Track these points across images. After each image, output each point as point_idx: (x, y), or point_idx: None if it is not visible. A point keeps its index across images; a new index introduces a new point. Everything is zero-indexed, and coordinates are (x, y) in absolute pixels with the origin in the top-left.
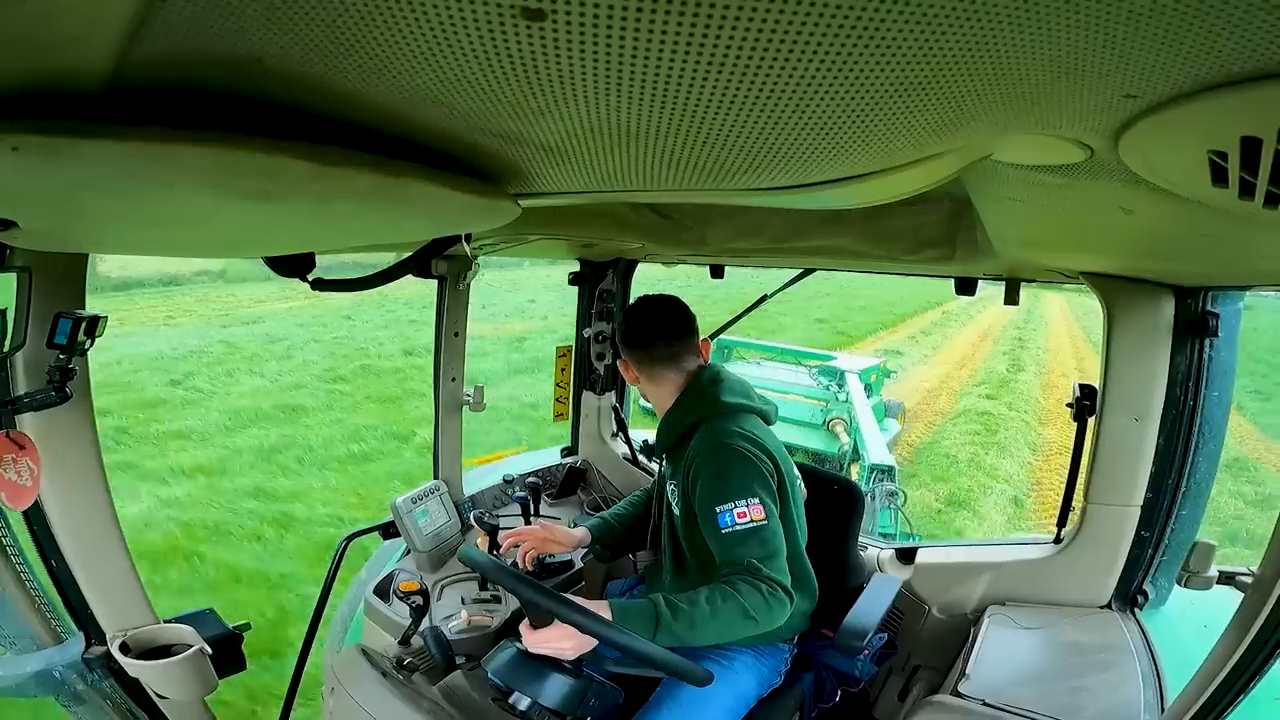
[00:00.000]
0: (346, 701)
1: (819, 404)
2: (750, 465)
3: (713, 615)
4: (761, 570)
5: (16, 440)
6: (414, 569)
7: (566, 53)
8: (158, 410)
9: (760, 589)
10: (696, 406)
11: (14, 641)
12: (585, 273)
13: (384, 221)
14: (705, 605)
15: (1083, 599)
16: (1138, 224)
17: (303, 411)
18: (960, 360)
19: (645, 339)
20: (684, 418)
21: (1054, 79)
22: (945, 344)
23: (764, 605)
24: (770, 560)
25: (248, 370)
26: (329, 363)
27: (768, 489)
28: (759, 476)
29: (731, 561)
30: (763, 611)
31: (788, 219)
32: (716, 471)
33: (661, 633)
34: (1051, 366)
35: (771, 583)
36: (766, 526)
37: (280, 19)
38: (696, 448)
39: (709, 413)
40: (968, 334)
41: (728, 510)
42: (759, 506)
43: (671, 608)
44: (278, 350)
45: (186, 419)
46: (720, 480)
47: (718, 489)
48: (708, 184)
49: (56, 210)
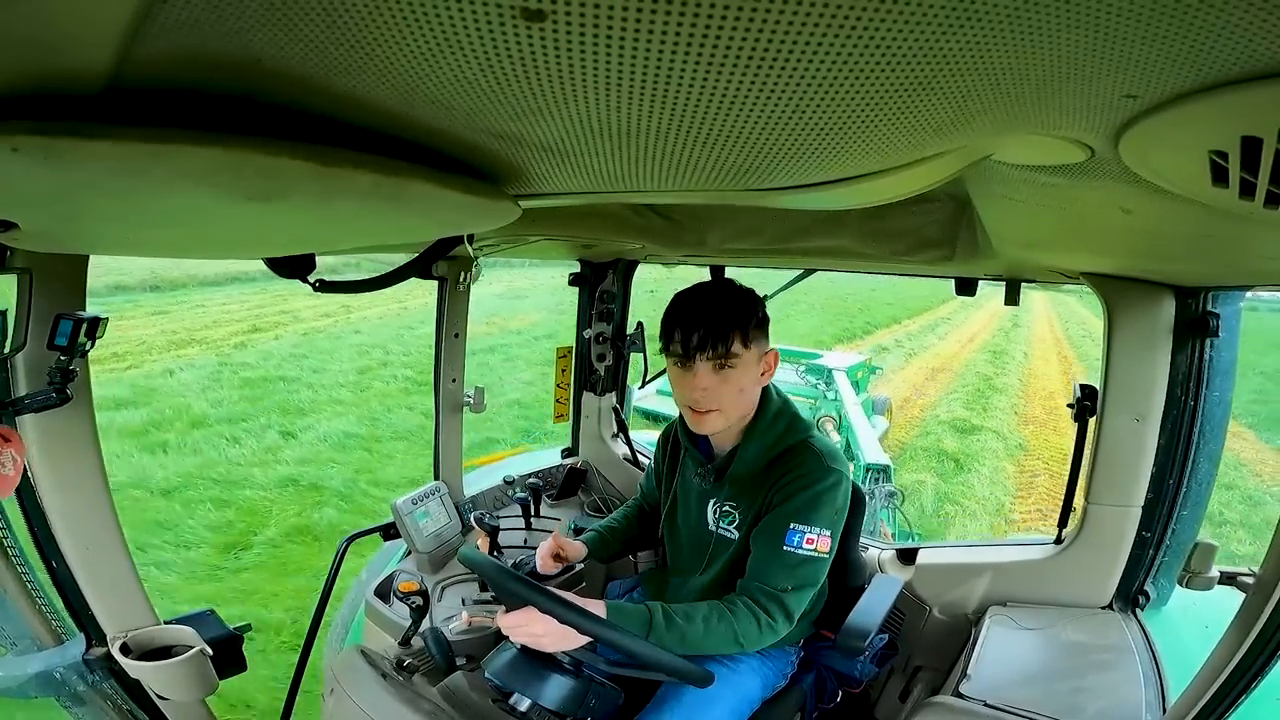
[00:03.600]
0: (346, 703)
1: (807, 402)
2: (843, 498)
3: (705, 635)
4: (781, 598)
5: (3, 434)
6: (414, 570)
7: (566, 53)
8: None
9: (759, 616)
10: (793, 426)
11: (14, 642)
12: (585, 273)
13: (384, 222)
14: (701, 624)
15: (1084, 599)
16: (1138, 224)
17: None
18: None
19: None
20: (782, 439)
21: (1054, 79)
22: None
23: (755, 632)
24: (801, 591)
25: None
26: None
27: (841, 523)
28: (843, 510)
29: (761, 578)
30: (751, 638)
31: (788, 219)
32: (814, 496)
33: (650, 640)
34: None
35: (776, 613)
36: (824, 560)
37: (280, 19)
38: (799, 474)
39: (806, 434)
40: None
41: (801, 532)
42: (828, 540)
43: (667, 619)
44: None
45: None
46: (813, 504)
47: (806, 511)
48: (708, 184)
49: (56, 211)
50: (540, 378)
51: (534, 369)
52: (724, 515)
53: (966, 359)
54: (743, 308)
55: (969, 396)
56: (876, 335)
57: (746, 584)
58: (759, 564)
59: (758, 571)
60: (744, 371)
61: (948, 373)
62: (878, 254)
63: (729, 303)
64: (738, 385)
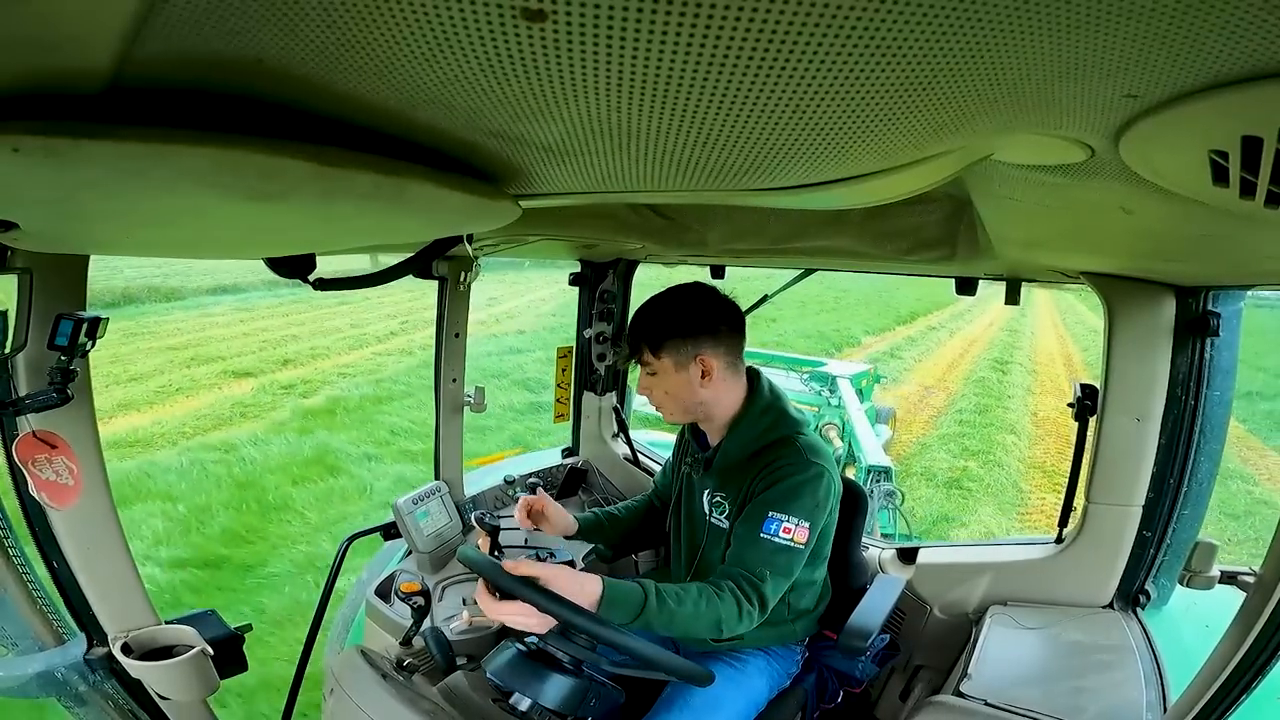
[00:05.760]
0: (346, 703)
1: (811, 409)
2: (824, 492)
3: (692, 619)
4: (759, 585)
5: (46, 439)
6: (415, 570)
7: (566, 53)
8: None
9: (741, 602)
10: (780, 422)
11: (16, 642)
12: (586, 273)
13: (384, 222)
14: (690, 607)
15: (1084, 599)
16: (1138, 224)
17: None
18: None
19: (743, 324)
20: (767, 434)
21: (1055, 79)
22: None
23: (735, 619)
24: (777, 580)
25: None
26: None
27: (822, 518)
28: (824, 503)
29: (742, 564)
30: (730, 624)
31: (788, 219)
32: (793, 486)
33: (640, 620)
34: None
35: (754, 600)
36: (800, 552)
37: (280, 19)
38: (780, 465)
39: (793, 430)
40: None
41: (779, 520)
42: (806, 531)
43: (660, 600)
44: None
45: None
46: (791, 494)
47: (784, 500)
48: (708, 184)
49: (57, 211)
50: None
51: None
52: (716, 505)
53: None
54: (661, 319)
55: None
56: (866, 344)
57: (728, 569)
58: (737, 550)
59: (737, 557)
60: (664, 378)
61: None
62: (878, 254)
63: (654, 313)
64: (663, 388)
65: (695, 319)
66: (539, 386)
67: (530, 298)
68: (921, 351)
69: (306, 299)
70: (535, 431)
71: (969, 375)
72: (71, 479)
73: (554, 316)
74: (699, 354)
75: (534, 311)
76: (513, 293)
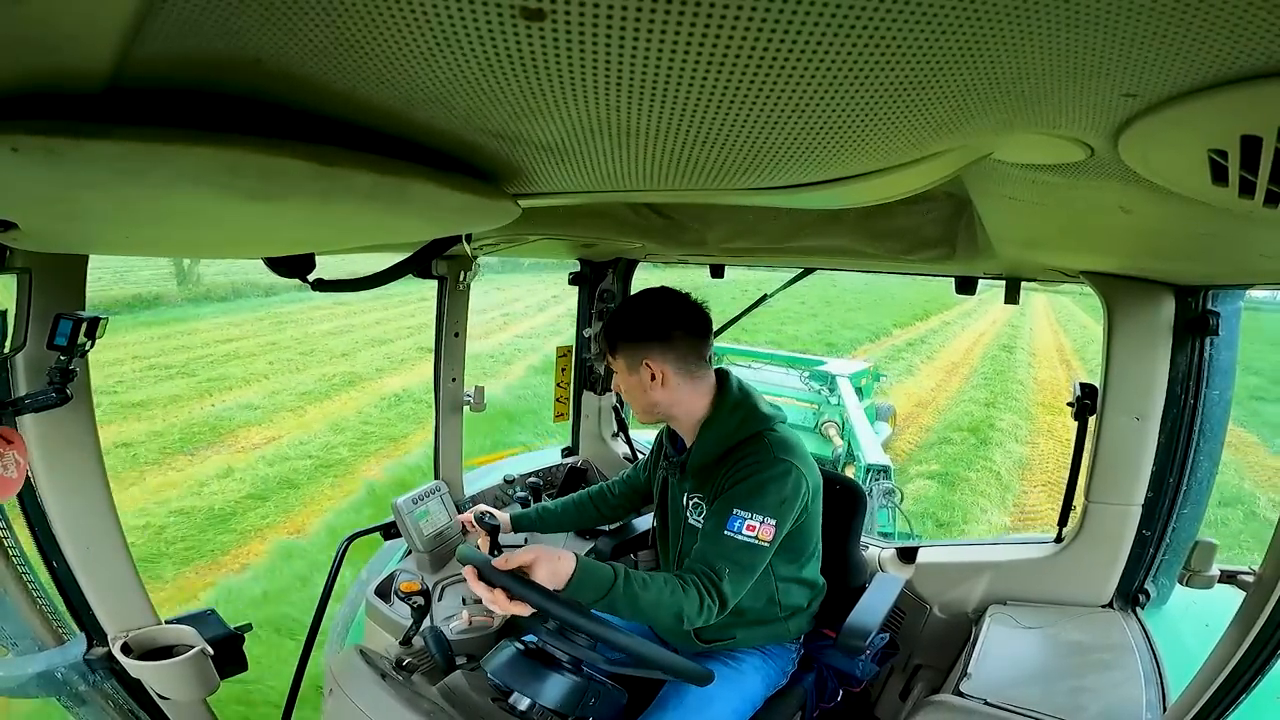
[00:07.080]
0: (345, 703)
1: (810, 407)
2: (791, 488)
3: (656, 605)
4: (718, 581)
5: (5, 436)
6: (415, 569)
7: (566, 53)
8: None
9: (703, 597)
10: (749, 419)
11: (16, 642)
12: (585, 273)
13: (384, 221)
14: (654, 594)
15: (1084, 598)
16: (1138, 223)
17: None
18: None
19: (704, 330)
20: (736, 432)
21: (1054, 78)
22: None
23: (696, 612)
24: (738, 577)
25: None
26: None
27: (790, 514)
28: (792, 500)
29: (704, 560)
30: (691, 617)
31: (788, 219)
32: (759, 483)
33: (606, 601)
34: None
35: (715, 596)
36: (764, 549)
37: (279, 19)
38: (747, 462)
39: (763, 426)
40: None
41: (742, 518)
42: (771, 529)
43: (627, 583)
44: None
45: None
46: (756, 491)
47: (748, 497)
48: (708, 184)
49: (56, 211)
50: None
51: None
52: (695, 507)
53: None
54: (615, 323)
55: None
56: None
57: (692, 563)
58: (702, 546)
59: (701, 553)
60: (620, 378)
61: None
62: (877, 253)
63: (614, 317)
64: (623, 388)
65: (644, 325)
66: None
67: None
68: (944, 339)
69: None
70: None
71: (984, 354)
72: (16, 472)
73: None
74: (646, 358)
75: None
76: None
